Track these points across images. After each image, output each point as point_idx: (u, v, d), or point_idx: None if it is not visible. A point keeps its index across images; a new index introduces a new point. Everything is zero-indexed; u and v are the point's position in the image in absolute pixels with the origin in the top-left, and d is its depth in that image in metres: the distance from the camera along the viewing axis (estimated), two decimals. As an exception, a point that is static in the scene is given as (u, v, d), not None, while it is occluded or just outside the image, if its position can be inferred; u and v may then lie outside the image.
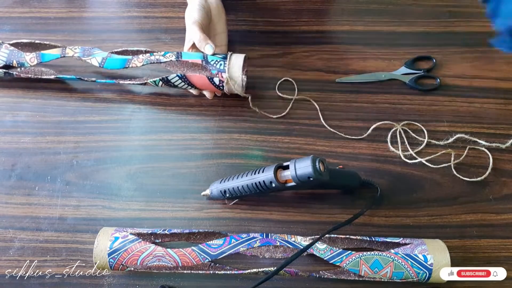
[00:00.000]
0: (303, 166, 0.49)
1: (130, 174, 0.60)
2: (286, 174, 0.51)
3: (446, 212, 0.57)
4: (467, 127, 0.62)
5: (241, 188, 0.54)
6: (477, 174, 0.59)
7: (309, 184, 0.50)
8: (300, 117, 0.63)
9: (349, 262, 0.49)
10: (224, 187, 0.55)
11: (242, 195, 0.55)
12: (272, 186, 0.51)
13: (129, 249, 0.50)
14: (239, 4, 0.72)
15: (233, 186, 0.54)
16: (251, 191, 0.53)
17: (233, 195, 0.55)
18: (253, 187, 0.53)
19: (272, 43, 0.68)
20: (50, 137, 0.62)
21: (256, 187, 0.53)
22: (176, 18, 0.71)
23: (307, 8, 0.72)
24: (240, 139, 0.62)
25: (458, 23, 0.70)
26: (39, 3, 0.73)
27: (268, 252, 0.53)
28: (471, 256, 0.54)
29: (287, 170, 0.51)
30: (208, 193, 0.57)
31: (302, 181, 0.50)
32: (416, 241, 0.51)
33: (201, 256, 0.49)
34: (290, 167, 0.50)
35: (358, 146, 0.61)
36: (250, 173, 0.53)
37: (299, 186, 0.51)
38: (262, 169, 0.52)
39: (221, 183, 0.56)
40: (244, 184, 0.53)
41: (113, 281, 0.54)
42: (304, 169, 0.49)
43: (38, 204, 0.58)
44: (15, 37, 0.66)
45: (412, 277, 0.49)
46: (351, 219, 0.53)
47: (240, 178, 0.54)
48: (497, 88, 0.65)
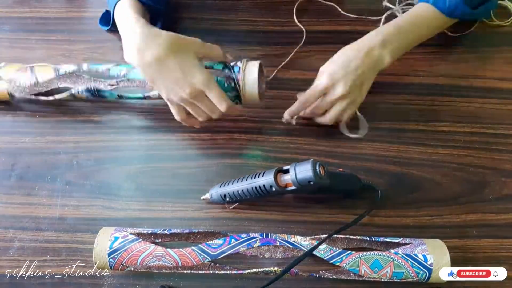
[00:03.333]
0: (303, 170, 0.49)
1: (130, 174, 0.60)
2: (286, 178, 0.51)
3: (446, 212, 0.57)
4: (467, 127, 0.62)
5: (241, 192, 0.54)
6: (477, 174, 0.59)
7: (309, 188, 0.50)
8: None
9: (349, 262, 0.49)
10: (224, 191, 0.55)
11: (242, 199, 0.55)
12: (272, 190, 0.51)
13: (129, 249, 0.49)
14: (239, 4, 0.72)
15: (233, 190, 0.54)
16: (251, 195, 0.53)
17: (233, 199, 0.55)
18: (253, 191, 0.53)
19: (272, 43, 0.68)
20: (50, 137, 0.62)
21: (256, 191, 0.52)
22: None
23: (307, 8, 0.72)
24: (240, 139, 0.62)
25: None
26: (39, 3, 0.73)
27: (268, 252, 0.53)
28: (471, 256, 0.54)
29: (287, 174, 0.51)
30: (208, 197, 0.57)
31: (302, 185, 0.50)
32: (416, 241, 0.51)
33: (201, 256, 0.49)
34: (290, 171, 0.50)
35: (358, 146, 0.61)
36: (250, 177, 0.53)
37: (299, 190, 0.51)
38: (262, 173, 0.52)
39: (221, 187, 0.56)
40: (244, 188, 0.53)
41: (113, 281, 0.54)
42: (304, 173, 0.49)
43: (38, 204, 0.58)
44: (15, 37, 0.67)
45: (412, 277, 0.49)
46: (354, 221, 0.53)
47: (240, 182, 0.54)
48: (497, 88, 0.65)
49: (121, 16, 0.56)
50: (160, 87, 0.54)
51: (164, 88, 0.53)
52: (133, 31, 0.53)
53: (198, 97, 0.53)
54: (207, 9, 0.72)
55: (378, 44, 0.56)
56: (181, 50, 0.53)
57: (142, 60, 0.52)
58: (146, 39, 0.52)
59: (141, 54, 0.52)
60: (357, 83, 0.56)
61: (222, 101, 0.54)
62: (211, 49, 0.56)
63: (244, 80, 0.56)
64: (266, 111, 0.63)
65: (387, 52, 0.57)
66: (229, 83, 0.56)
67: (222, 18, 0.71)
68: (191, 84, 0.52)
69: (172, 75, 0.52)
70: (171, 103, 0.56)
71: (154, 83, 0.54)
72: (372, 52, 0.56)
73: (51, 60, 0.67)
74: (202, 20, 0.71)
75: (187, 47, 0.53)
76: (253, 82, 0.56)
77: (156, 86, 0.54)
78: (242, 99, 0.57)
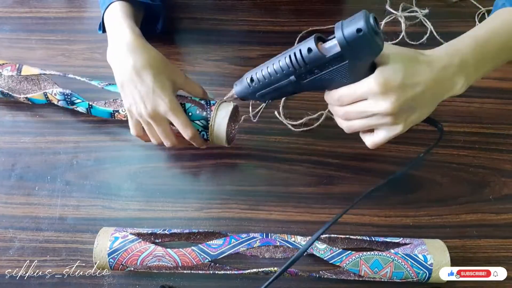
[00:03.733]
0: (351, 21, 0.38)
1: (130, 174, 0.60)
2: (328, 44, 0.40)
3: (446, 212, 0.57)
4: (467, 127, 0.62)
5: (271, 70, 0.43)
6: (477, 174, 0.59)
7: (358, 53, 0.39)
8: (300, 117, 0.63)
9: (349, 262, 0.49)
10: (252, 73, 0.46)
11: (273, 85, 0.44)
12: (311, 59, 0.40)
13: (129, 249, 0.49)
14: (239, 4, 0.72)
15: (262, 68, 0.45)
16: (283, 71, 0.43)
17: (261, 83, 0.45)
18: (286, 65, 0.42)
19: (272, 43, 0.68)
20: (50, 137, 0.62)
21: (290, 64, 0.42)
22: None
23: (307, 8, 0.72)
24: (240, 139, 0.62)
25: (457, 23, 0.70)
26: (39, 3, 0.73)
27: (268, 252, 0.53)
28: (471, 256, 0.54)
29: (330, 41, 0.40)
30: (233, 92, 0.49)
31: (350, 43, 0.38)
32: (416, 241, 0.51)
33: (201, 256, 0.49)
34: (336, 26, 0.39)
35: (358, 146, 0.61)
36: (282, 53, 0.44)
37: (345, 55, 0.39)
38: None
39: None
40: (276, 61, 0.43)
41: (113, 281, 0.54)
42: (353, 24, 0.38)
43: (38, 204, 0.58)
44: (15, 37, 0.67)
45: (412, 277, 0.49)
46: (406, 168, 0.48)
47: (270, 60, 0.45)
48: (497, 88, 0.65)
49: (112, 19, 0.55)
50: (125, 95, 0.52)
51: (128, 98, 0.52)
52: (123, 36, 0.52)
53: (157, 120, 0.52)
54: (207, 9, 0.72)
55: (455, 63, 0.43)
56: (162, 73, 0.52)
57: (121, 63, 0.51)
58: (135, 48, 0.51)
59: (123, 57, 0.51)
60: (411, 105, 0.42)
61: (187, 128, 0.52)
62: (192, 88, 0.55)
63: (215, 121, 0.53)
64: (266, 111, 0.63)
65: (463, 76, 0.44)
66: (200, 112, 0.54)
67: (222, 18, 0.71)
68: (155, 104, 0.51)
69: (141, 88, 0.51)
70: (130, 115, 0.54)
71: (122, 89, 0.52)
72: (446, 72, 0.43)
73: (51, 60, 0.67)
74: (202, 20, 0.71)
75: (170, 73, 0.53)
76: (223, 126, 0.53)
77: (123, 93, 0.52)
78: (210, 138, 0.55)
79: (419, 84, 0.41)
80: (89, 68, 0.67)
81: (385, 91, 0.40)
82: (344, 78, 0.42)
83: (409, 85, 0.41)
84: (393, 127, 0.43)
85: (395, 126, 0.43)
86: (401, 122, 0.43)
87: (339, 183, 0.59)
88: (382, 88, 0.40)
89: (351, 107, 0.44)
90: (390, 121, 0.42)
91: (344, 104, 0.44)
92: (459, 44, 0.45)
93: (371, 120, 0.43)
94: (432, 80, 0.42)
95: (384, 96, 0.41)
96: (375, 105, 0.42)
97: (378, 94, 0.41)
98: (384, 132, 0.44)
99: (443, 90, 0.44)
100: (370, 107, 0.42)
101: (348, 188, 0.58)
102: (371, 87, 0.41)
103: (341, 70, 0.41)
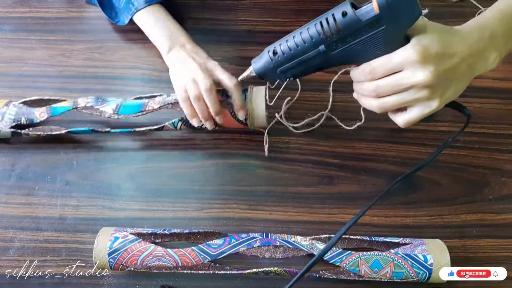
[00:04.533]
0: None
1: (130, 174, 0.60)
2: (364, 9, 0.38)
3: (446, 212, 0.57)
4: (467, 127, 0.62)
5: (298, 40, 0.40)
6: (477, 174, 0.59)
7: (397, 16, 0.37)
8: (301, 117, 0.63)
9: (349, 262, 0.49)
10: (274, 45, 0.42)
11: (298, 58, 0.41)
12: (346, 23, 0.38)
13: (129, 249, 0.49)
14: (239, 4, 0.72)
15: (288, 39, 0.41)
16: (313, 39, 0.40)
17: (285, 56, 0.42)
18: (317, 32, 0.39)
19: (272, 43, 0.68)
20: (50, 137, 0.62)
21: (321, 31, 0.39)
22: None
23: (307, 8, 0.72)
24: (240, 139, 0.62)
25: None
26: (39, 3, 0.73)
27: (268, 252, 0.53)
28: (471, 256, 0.54)
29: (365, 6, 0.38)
30: (250, 70, 0.46)
31: (390, 3, 0.36)
32: (416, 241, 0.51)
33: (201, 256, 0.49)
34: None
35: (358, 146, 0.61)
36: None
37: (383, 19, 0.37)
38: None
39: None
40: (305, 30, 0.40)
41: (113, 281, 0.54)
42: None
43: (38, 204, 0.58)
44: (15, 37, 0.67)
45: (412, 277, 0.49)
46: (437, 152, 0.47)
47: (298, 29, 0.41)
48: (497, 88, 0.65)
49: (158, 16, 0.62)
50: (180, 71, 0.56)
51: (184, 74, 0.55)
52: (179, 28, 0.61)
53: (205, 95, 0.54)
54: (207, 9, 0.72)
55: (487, 37, 0.42)
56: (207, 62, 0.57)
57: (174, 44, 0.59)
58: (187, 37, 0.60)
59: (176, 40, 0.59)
60: (448, 77, 0.40)
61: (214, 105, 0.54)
62: (228, 79, 0.54)
63: (253, 103, 0.56)
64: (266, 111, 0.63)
65: (495, 50, 0.43)
66: None
67: (222, 18, 0.71)
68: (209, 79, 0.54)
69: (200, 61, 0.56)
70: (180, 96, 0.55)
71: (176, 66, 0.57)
72: (479, 45, 0.42)
73: (51, 60, 0.67)
74: (202, 20, 0.71)
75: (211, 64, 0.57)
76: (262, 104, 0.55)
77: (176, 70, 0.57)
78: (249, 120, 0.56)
79: (455, 55, 0.40)
80: (89, 68, 0.67)
81: (423, 60, 0.38)
82: (378, 49, 0.39)
83: (447, 55, 0.39)
84: (429, 102, 0.41)
85: (431, 102, 0.41)
86: (437, 97, 0.41)
87: (339, 183, 0.59)
88: (421, 56, 0.38)
89: (385, 80, 0.41)
90: (426, 95, 0.40)
91: (377, 77, 0.41)
92: (486, 19, 0.44)
93: (406, 95, 0.41)
94: (467, 52, 0.41)
95: (423, 65, 0.39)
96: (412, 76, 0.39)
97: (416, 63, 0.39)
98: (419, 108, 0.42)
99: (478, 63, 0.42)
100: (407, 77, 0.40)
101: (348, 188, 0.58)
102: (409, 55, 0.39)
103: (375, 38, 0.38)
